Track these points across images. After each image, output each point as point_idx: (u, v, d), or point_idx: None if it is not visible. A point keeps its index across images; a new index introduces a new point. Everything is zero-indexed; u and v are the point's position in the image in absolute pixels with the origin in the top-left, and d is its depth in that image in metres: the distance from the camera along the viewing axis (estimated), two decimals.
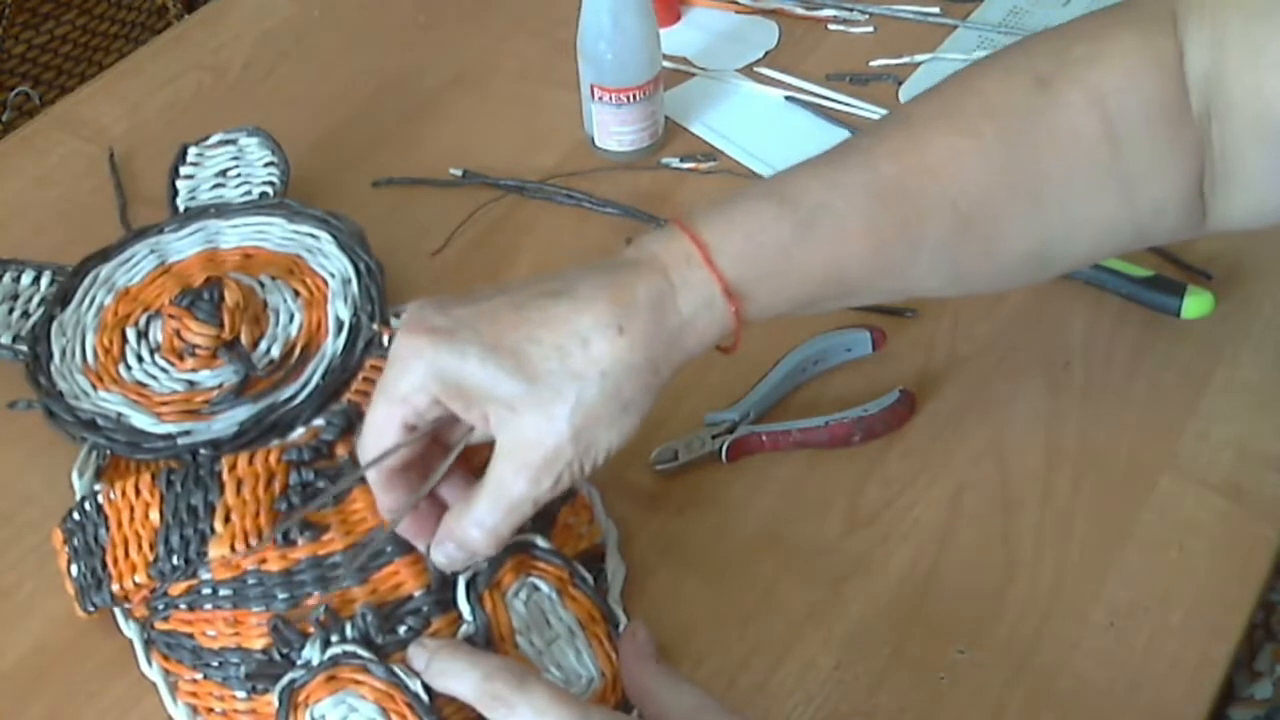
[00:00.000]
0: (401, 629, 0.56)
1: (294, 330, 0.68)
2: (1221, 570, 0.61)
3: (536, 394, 0.50)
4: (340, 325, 0.68)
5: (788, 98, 0.88)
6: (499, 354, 0.50)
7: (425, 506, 0.56)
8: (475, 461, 0.55)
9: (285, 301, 0.70)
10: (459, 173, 0.84)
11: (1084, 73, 0.55)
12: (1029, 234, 0.56)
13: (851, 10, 0.94)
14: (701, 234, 0.53)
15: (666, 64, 0.85)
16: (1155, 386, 0.68)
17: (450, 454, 0.55)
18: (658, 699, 0.53)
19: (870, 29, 0.93)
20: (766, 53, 0.92)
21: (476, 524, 0.53)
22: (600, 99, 0.82)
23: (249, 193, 0.78)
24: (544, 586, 0.58)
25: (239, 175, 0.79)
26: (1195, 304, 0.69)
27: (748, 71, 0.91)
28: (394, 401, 0.52)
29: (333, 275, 0.70)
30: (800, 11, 0.95)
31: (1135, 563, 0.61)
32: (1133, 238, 0.58)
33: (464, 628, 0.56)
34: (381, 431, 0.53)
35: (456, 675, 0.51)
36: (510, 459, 0.51)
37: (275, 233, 0.74)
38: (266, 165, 0.79)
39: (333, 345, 0.67)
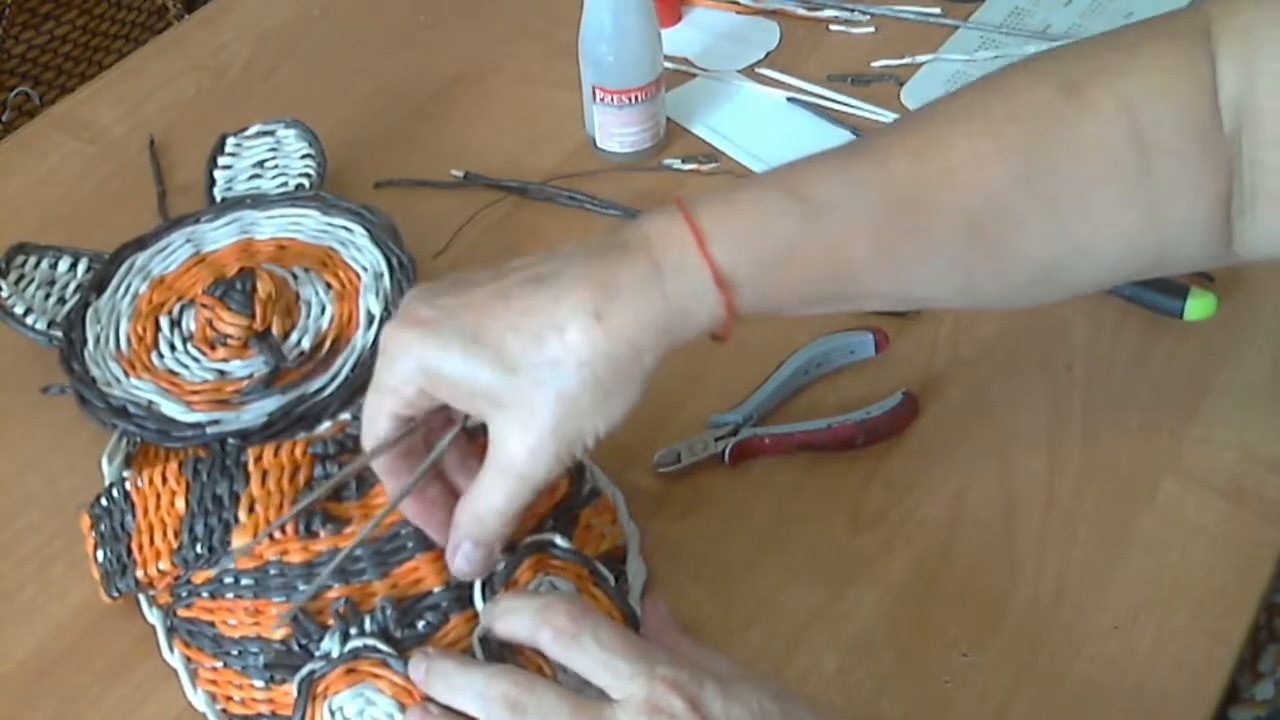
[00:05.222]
0: (420, 624, 0.56)
1: (325, 322, 0.69)
2: (1224, 573, 0.61)
3: (517, 384, 0.50)
4: (371, 319, 0.68)
5: (789, 98, 0.88)
6: (480, 345, 0.50)
7: (437, 493, 0.56)
8: (485, 444, 0.54)
9: (317, 293, 0.70)
10: (460, 174, 0.84)
11: (1114, 81, 0.53)
12: (1045, 245, 0.54)
13: (853, 11, 0.94)
14: (699, 219, 0.51)
15: (668, 65, 0.85)
16: (1158, 389, 0.68)
17: (447, 434, 0.55)
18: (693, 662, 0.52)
19: (871, 29, 0.93)
20: (768, 53, 0.92)
21: (484, 506, 0.53)
22: (601, 100, 0.81)
23: (285, 184, 0.78)
24: (562, 584, 0.58)
25: (276, 166, 0.80)
26: (1198, 306, 0.69)
27: (749, 72, 0.91)
28: (383, 392, 0.53)
29: (365, 269, 0.71)
30: (801, 12, 0.95)
31: (1138, 565, 0.61)
32: (1154, 259, 0.55)
33: (480, 625, 0.56)
34: (374, 420, 0.54)
35: (462, 690, 0.51)
36: (501, 447, 0.51)
37: (309, 225, 0.74)
38: (304, 157, 0.79)
39: (363, 338, 0.68)
